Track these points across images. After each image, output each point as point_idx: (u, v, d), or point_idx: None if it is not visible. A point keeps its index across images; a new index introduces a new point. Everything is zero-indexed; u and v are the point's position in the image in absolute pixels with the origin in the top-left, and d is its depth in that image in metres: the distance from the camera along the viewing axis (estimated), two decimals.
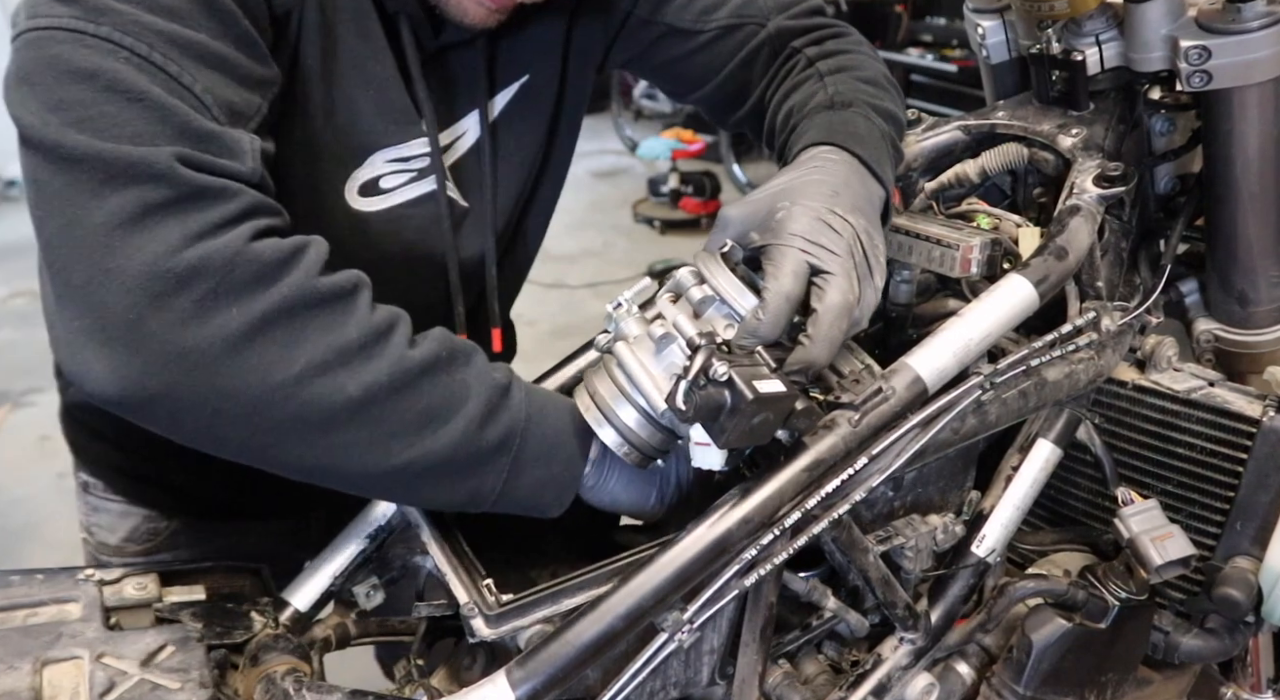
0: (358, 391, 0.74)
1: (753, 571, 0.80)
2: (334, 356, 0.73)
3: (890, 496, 0.95)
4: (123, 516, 1.18)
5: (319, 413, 0.73)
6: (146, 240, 0.68)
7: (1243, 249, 1.14)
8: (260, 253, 0.71)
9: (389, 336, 0.77)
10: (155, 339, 0.68)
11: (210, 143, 0.73)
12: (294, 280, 0.72)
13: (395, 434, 0.76)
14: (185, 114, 0.72)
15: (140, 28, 0.72)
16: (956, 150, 1.21)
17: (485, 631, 0.80)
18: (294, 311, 0.72)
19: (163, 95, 0.71)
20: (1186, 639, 1.08)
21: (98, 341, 0.68)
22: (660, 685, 0.87)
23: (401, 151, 0.97)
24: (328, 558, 0.96)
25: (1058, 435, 1.02)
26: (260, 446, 0.75)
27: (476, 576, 0.85)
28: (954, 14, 5.30)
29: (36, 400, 3.75)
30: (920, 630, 0.96)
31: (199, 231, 0.69)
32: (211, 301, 0.68)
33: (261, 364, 0.70)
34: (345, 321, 0.74)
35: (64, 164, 0.69)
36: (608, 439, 0.85)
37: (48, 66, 0.71)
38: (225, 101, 0.76)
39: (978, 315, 0.91)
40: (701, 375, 0.75)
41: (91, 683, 0.75)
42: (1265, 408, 1.01)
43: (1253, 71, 1.03)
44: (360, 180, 0.96)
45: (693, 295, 0.86)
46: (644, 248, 5.23)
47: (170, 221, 0.68)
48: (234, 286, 0.69)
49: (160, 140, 0.70)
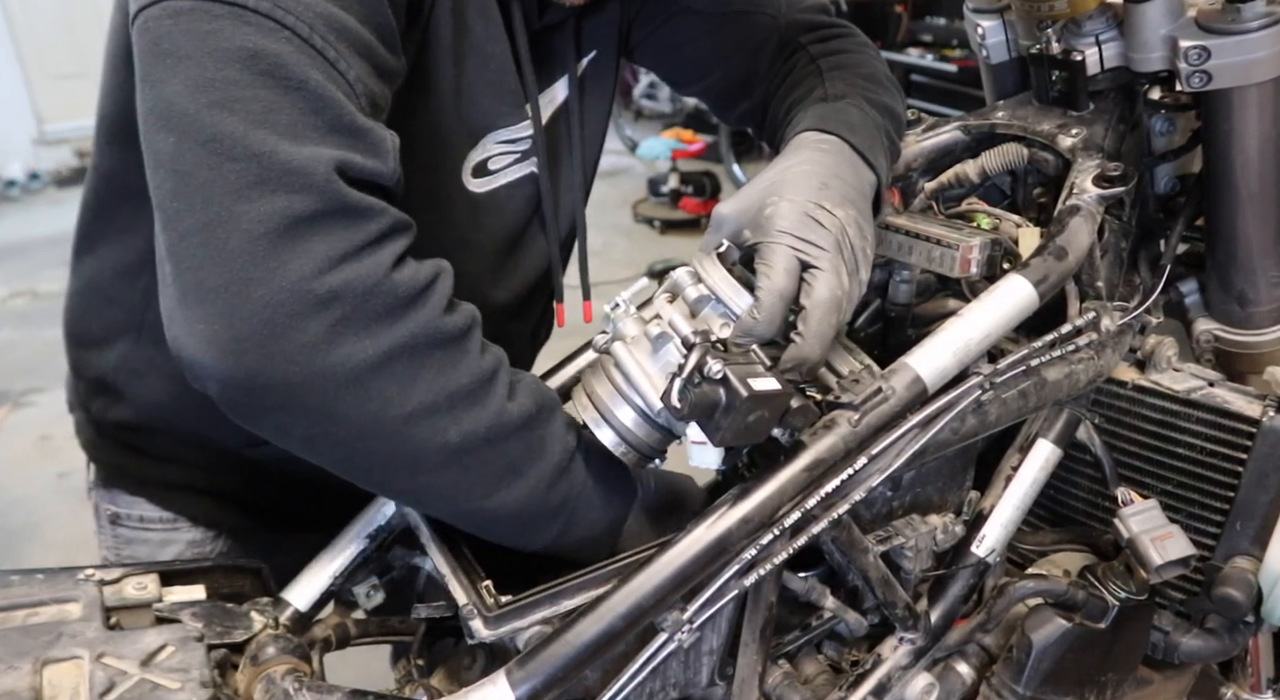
0: (457, 438, 0.75)
1: (752, 571, 0.80)
2: (444, 400, 0.73)
3: (889, 496, 0.95)
4: (163, 545, 1.11)
5: (418, 453, 0.74)
6: (292, 256, 0.66)
7: (1242, 249, 1.14)
8: (397, 284, 0.70)
9: (493, 384, 0.77)
10: (285, 357, 0.67)
11: (360, 140, 0.71)
12: (422, 317, 0.72)
13: (477, 482, 0.78)
14: (340, 106, 0.70)
15: (303, 6, 0.69)
16: (956, 150, 1.21)
17: (484, 632, 0.80)
18: (417, 350, 0.71)
19: (322, 83, 0.69)
20: (1186, 639, 1.08)
21: (226, 350, 0.67)
22: (660, 686, 0.87)
23: (510, 134, 0.97)
24: (328, 558, 0.97)
25: (1057, 435, 1.02)
26: (355, 469, 0.76)
27: (475, 578, 0.85)
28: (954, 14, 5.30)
29: (36, 400, 3.75)
30: (920, 630, 0.96)
31: (344, 253, 0.68)
32: (344, 328, 0.68)
33: (379, 397, 0.70)
34: (459, 364, 0.75)
35: (214, 156, 0.66)
36: (606, 439, 0.85)
37: (202, 41, 0.67)
38: (370, 93, 0.74)
39: (977, 315, 0.91)
40: (696, 373, 0.75)
41: (91, 682, 0.75)
42: (1265, 408, 1.01)
43: (1252, 72, 1.03)
44: (474, 162, 0.96)
45: (689, 295, 0.86)
46: (644, 248, 5.23)
47: (317, 238, 0.67)
48: (368, 317, 0.69)
49: (313, 134, 0.68)
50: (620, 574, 0.80)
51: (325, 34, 0.69)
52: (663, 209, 5.65)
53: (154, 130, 0.69)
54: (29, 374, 3.85)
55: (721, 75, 1.16)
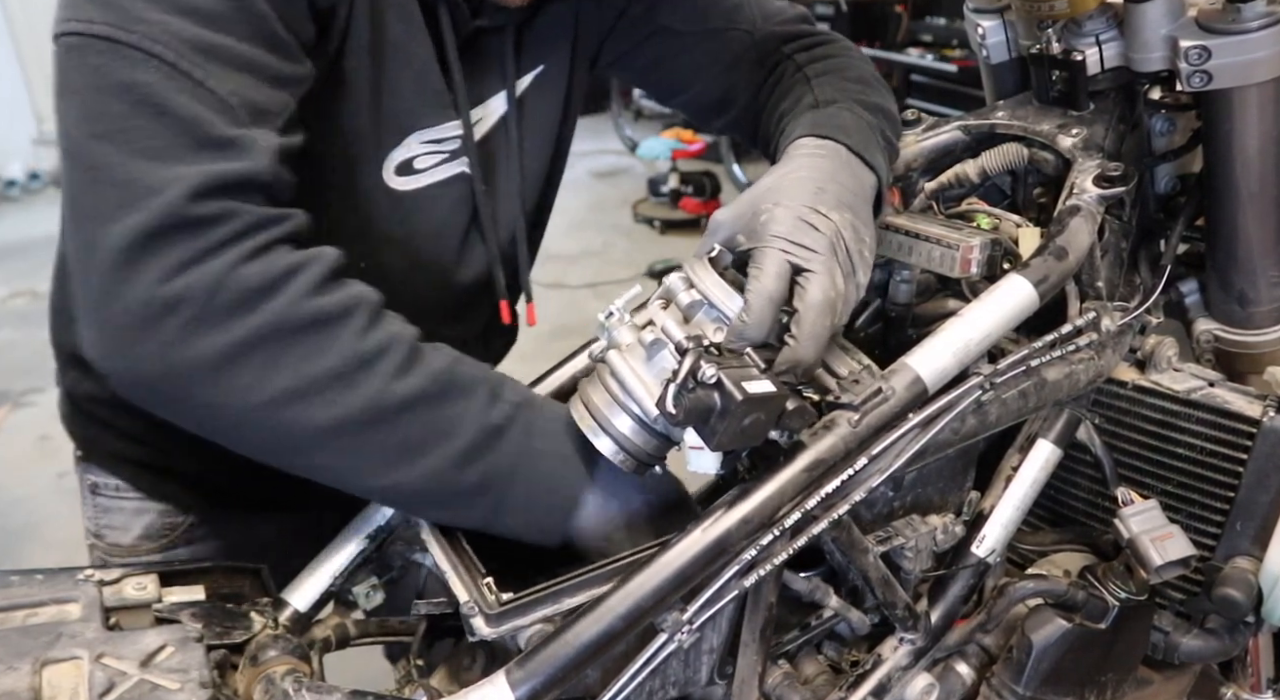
0: (327, 422, 0.77)
1: (752, 572, 0.80)
2: (307, 384, 0.76)
3: (890, 497, 0.95)
4: (137, 515, 1.17)
5: (290, 437, 0.78)
6: (142, 269, 0.73)
7: (1242, 249, 1.14)
8: (246, 278, 0.74)
9: (373, 366, 0.79)
10: (147, 358, 0.74)
11: (228, 149, 0.76)
12: (275, 306, 0.75)
13: (369, 462, 0.80)
14: (207, 123, 0.75)
15: (170, 35, 0.75)
16: (956, 150, 1.21)
17: (485, 630, 0.80)
18: (271, 338, 0.75)
19: (187, 104, 0.75)
20: (1186, 639, 1.08)
21: (103, 354, 0.76)
22: (660, 685, 0.87)
23: (436, 134, 1.00)
24: (327, 558, 0.96)
25: (1058, 435, 1.02)
26: (253, 452, 0.81)
27: (476, 575, 0.85)
28: (954, 14, 5.30)
29: (36, 400, 3.75)
30: (920, 630, 0.96)
31: (186, 260, 0.73)
32: (195, 326, 0.73)
33: (238, 387, 0.75)
34: (326, 349, 0.77)
35: (95, 183, 0.74)
36: (604, 448, 0.85)
37: (88, 76, 0.75)
38: (251, 102, 0.79)
39: (978, 315, 0.91)
40: (690, 378, 0.75)
41: (91, 683, 0.75)
42: (1265, 408, 1.01)
43: (1253, 71, 1.03)
44: (397, 160, 0.99)
45: (681, 300, 0.86)
46: (644, 248, 5.23)
47: (164, 250, 0.73)
48: (216, 313, 0.74)
49: (180, 153, 0.74)
50: (621, 573, 0.80)
51: (192, 57, 0.76)
52: (663, 209, 5.64)
53: (61, 157, 0.77)
54: (29, 374, 3.85)
55: (700, 90, 1.18)
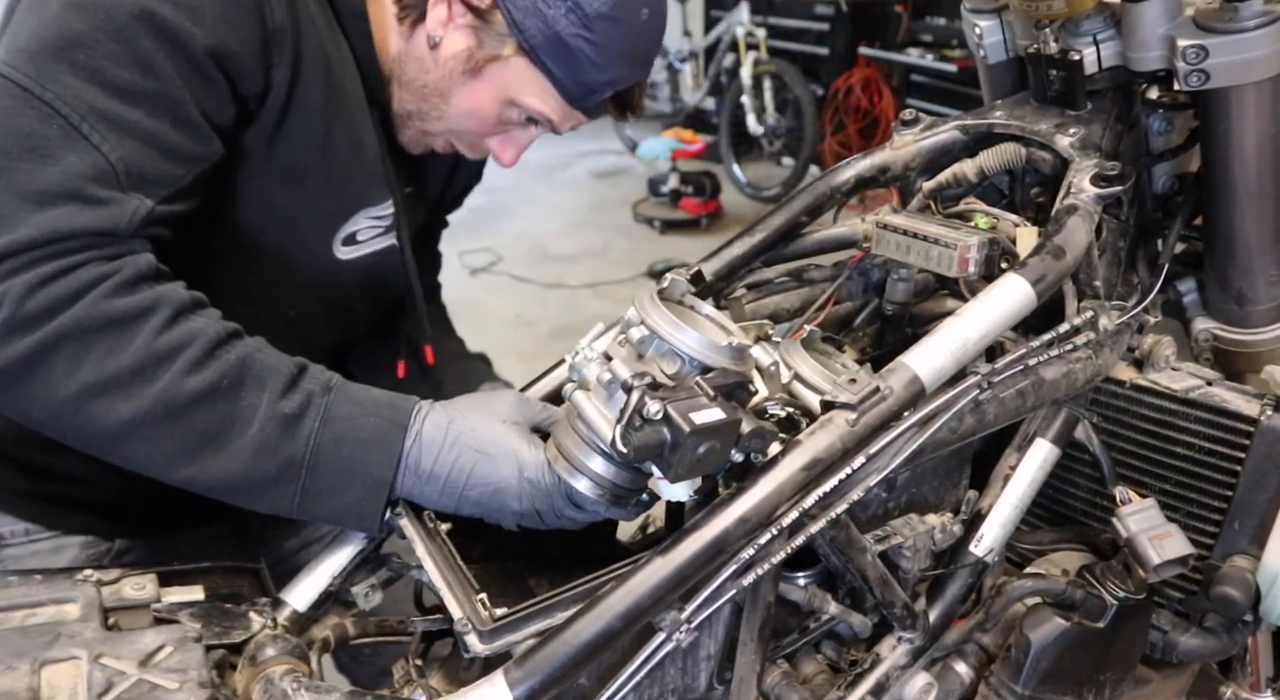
0: (128, 413, 0.84)
1: (750, 571, 0.80)
2: (107, 379, 0.83)
3: (884, 497, 0.95)
4: (55, 553, 1.13)
5: (98, 428, 0.84)
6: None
7: (1240, 248, 1.14)
8: (56, 287, 0.82)
9: (167, 362, 0.85)
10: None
11: (95, 205, 0.84)
12: (78, 309, 0.82)
13: (174, 452, 0.86)
14: (84, 181, 0.84)
15: (80, 101, 0.85)
16: (954, 150, 1.20)
17: (479, 647, 0.81)
18: (72, 337, 0.82)
19: (75, 162, 0.84)
20: (1185, 638, 1.08)
21: None
22: (658, 693, 0.87)
23: (377, 211, 1.12)
24: (326, 558, 0.97)
25: (1056, 434, 1.02)
26: (75, 443, 0.87)
27: (470, 591, 0.85)
28: (954, 14, 5.30)
29: None
30: (918, 630, 0.96)
31: (6, 271, 0.81)
32: (7, 330, 0.81)
33: (49, 382, 0.83)
34: (124, 347, 0.83)
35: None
36: (582, 488, 0.86)
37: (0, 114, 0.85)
38: (139, 170, 0.87)
39: (975, 315, 0.91)
40: (636, 416, 0.76)
41: (90, 683, 0.75)
42: (1263, 407, 1.01)
43: (1250, 70, 1.03)
44: (344, 233, 1.10)
45: (632, 335, 0.86)
46: (644, 248, 5.23)
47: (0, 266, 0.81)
48: (26, 317, 0.81)
49: (51, 199, 0.83)
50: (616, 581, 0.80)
51: (94, 123, 0.85)
52: (663, 209, 5.65)
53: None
54: None
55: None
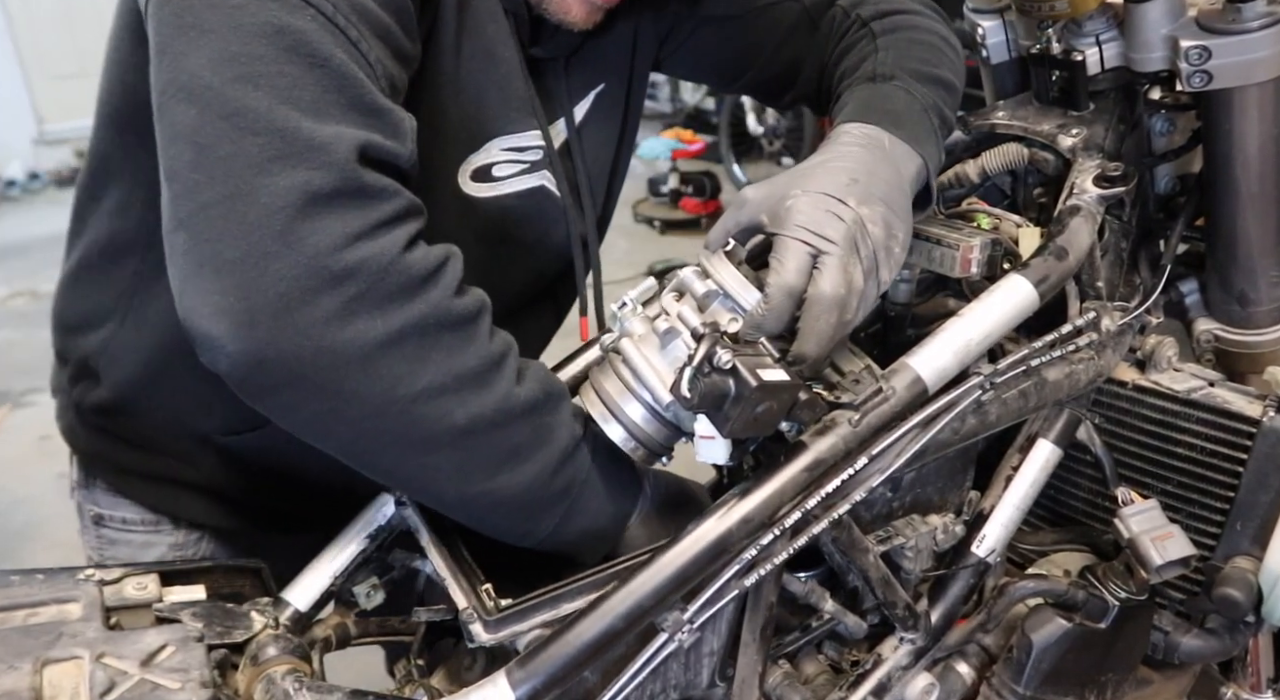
0: (463, 420, 0.75)
1: (753, 571, 0.80)
2: (452, 381, 0.74)
3: (889, 497, 0.95)
4: (144, 548, 1.10)
5: (424, 433, 0.75)
6: (310, 231, 0.67)
7: (1243, 249, 1.14)
8: (410, 264, 0.71)
9: (501, 368, 0.78)
10: (298, 331, 0.67)
11: (381, 120, 0.72)
12: (433, 298, 0.73)
13: (481, 466, 0.79)
14: (362, 85, 0.71)
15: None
16: (956, 150, 1.20)
17: (484, 637, 0.80)
18: (427, 330, 0.72)
19: (344, 61, 0.70)
20: (1186, 639, 1.08)
21: (239, 322, 0.67)
22: (660, 688, 0.87)
23: (517, 141, 0.97)
24: (328, 558, 0.96)
25: (1058, 435, 1.02)
26: (361, 450, 0.77)
27: (475, 581, 0.85)
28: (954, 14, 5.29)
29: (36, 400, 3.75)
30: (920, 630, 0.96)
31: (360, 231, 0.68)
32: (357, 306, 0.68)
33: (388, 376, 0.71)
34: (468, 347, 0.76)
35: (237, 130, 0.67)
36: (615, 435, 0.85)
37: (227, 16, 0.68)
38: (389, 75, 0.75)
39: (978, 315, 0.91)
40: (706, 363, 0.75)
41: (92, 683, 0.75)
42: (1265, 408, 1.01)
43: (1253, 71, 1.03)
44: (475, 165, 0.96)
45: (697, 289, 0.86)
46: (644, 248, 5.23)
47: (334, 215, 0.68)
48: (381, 295, 0.69)
49: (336, 111, 0.69)
50: (620, 576, 0.80)
51: (348, 14, 0.71)
52: (663, 209, 5.65)
53: (174, 102, 0.69)
54: (29, 374, 3.85)
55: (759, 70, 1.15)
